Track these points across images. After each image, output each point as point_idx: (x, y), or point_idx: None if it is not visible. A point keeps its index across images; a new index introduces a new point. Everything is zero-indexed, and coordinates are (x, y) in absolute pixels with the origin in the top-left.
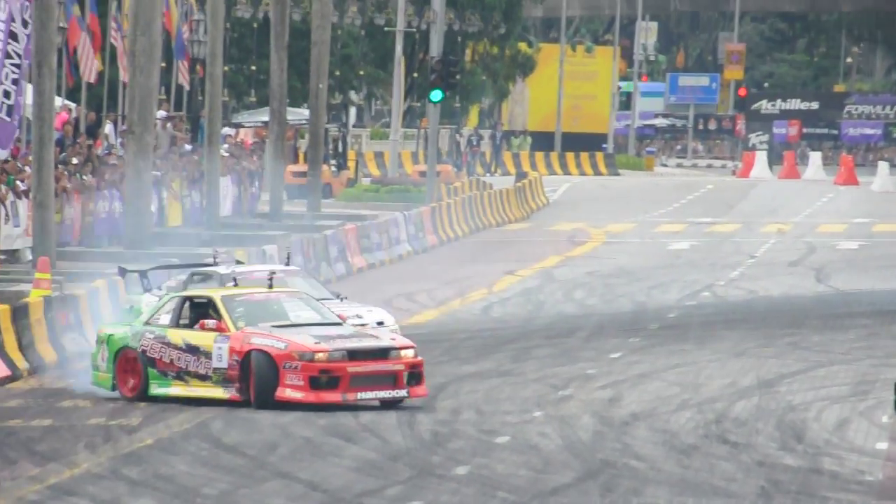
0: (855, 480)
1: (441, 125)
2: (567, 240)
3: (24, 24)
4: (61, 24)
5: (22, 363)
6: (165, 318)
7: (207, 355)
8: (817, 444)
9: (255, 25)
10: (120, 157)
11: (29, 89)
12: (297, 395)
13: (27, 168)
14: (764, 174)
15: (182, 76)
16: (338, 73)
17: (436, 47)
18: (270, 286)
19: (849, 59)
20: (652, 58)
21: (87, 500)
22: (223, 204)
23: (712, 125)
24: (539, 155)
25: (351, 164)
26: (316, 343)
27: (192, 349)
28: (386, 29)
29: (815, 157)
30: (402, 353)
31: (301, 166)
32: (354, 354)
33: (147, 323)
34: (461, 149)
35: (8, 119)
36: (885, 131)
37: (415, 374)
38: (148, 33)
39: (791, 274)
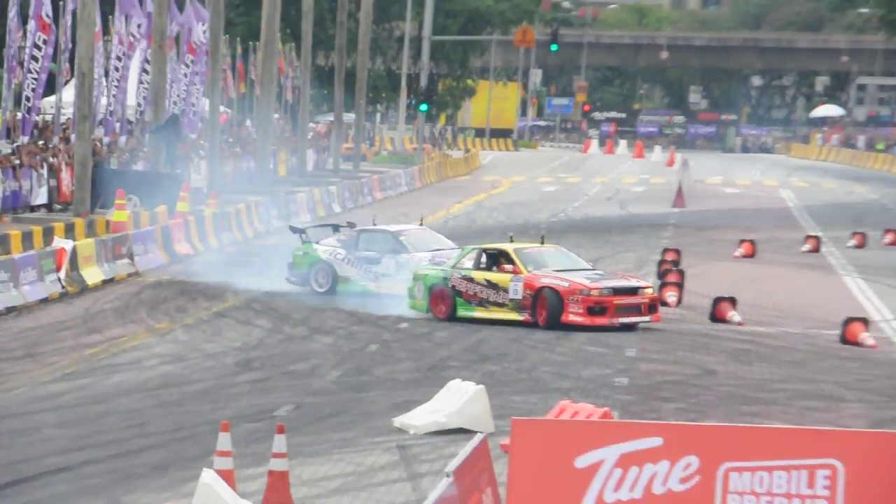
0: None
1: (426, 123)
2: (490, 185)
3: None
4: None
5: (200, 246)
6: (468, 263)
7: (505, 290)
8: None
9: (326, 69)
10: (254, 138)
11: (206, 102)
12: (578, 319)
13: (206, 143)
14: (595, 152)
15: (287, 94)
16: (370, 94)
17: (423, 81)
18: (542, 242)
19: (641, 91)
20: (539, 89)
21: (233, 320)
22: (308, 164)
23: (569, 125)
24: (478, 140)
25: (377, 142)
26: (591, 283)
27: (492, 285)
28: (396, 71)
29: (623, 143)
30: (646, 290)
31: (350, 144)
32: (617, 291)
33: (454, 267)
34: (436, 136)
35: (193, 118)
36: (659, 130)
37: (653, 306)
38: (269, 73)
39: (607, 204)
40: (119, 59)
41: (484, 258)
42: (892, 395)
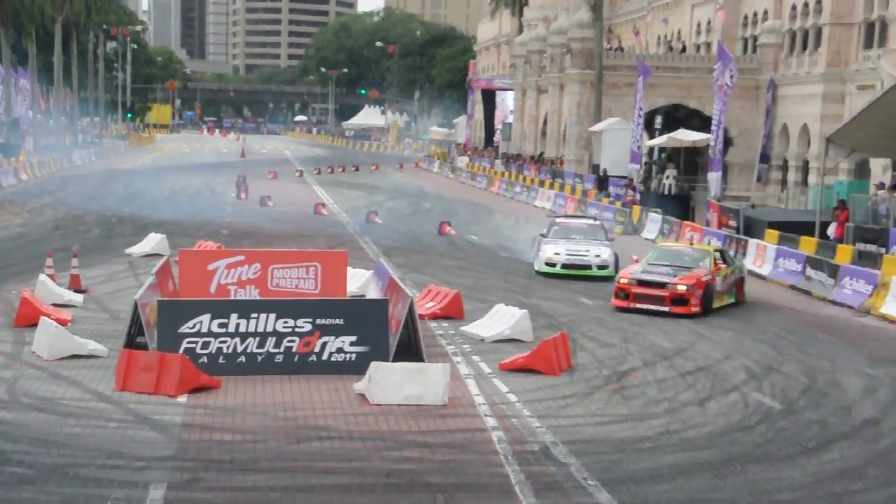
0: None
1: (132, 122)
2: (161, 149)
3: None
4: None
5: (31, 175)
6: None
7: None
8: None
9: (87, 99)
10: (53, 129)
11: (31, 113)
12: (612, 300)
13: (31, 131)
14: (206, 135)
15: (68, 109)
16: (106, 110)
17: (128, 103)
18: (691, 243)
19: (222, 111)
20: (179, 107)
21: (49, 208)
22: (79, 139)
23: (194, 123)
24: (154, 130)
25: (111, 130)
26: (630, 273)
27: None
28: (117, 100)
29: (217, 131)
30: (677, 286)
31: (98, 131)
32: (641, 282)
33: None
34: (136, 128)
35: None
36: (232, 125)
37: (678, 300)
38: (59, 100)
39: (212, 157)
40: None
41: None
42: (343, 234)
